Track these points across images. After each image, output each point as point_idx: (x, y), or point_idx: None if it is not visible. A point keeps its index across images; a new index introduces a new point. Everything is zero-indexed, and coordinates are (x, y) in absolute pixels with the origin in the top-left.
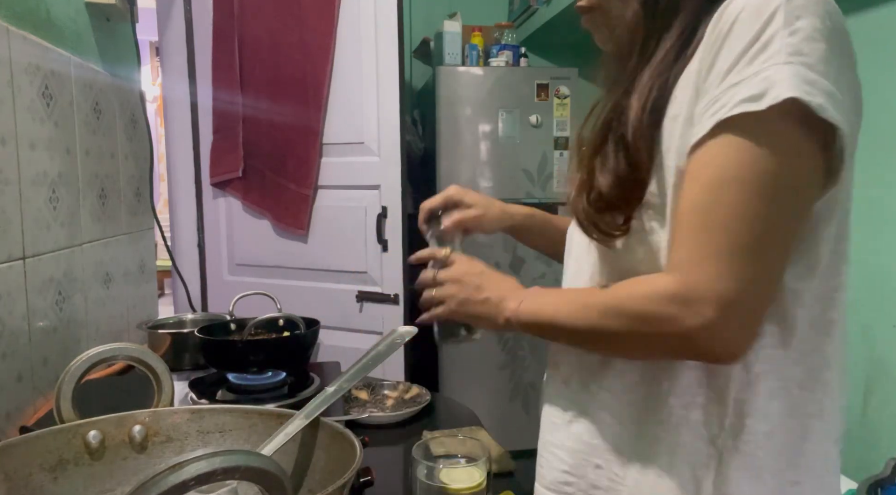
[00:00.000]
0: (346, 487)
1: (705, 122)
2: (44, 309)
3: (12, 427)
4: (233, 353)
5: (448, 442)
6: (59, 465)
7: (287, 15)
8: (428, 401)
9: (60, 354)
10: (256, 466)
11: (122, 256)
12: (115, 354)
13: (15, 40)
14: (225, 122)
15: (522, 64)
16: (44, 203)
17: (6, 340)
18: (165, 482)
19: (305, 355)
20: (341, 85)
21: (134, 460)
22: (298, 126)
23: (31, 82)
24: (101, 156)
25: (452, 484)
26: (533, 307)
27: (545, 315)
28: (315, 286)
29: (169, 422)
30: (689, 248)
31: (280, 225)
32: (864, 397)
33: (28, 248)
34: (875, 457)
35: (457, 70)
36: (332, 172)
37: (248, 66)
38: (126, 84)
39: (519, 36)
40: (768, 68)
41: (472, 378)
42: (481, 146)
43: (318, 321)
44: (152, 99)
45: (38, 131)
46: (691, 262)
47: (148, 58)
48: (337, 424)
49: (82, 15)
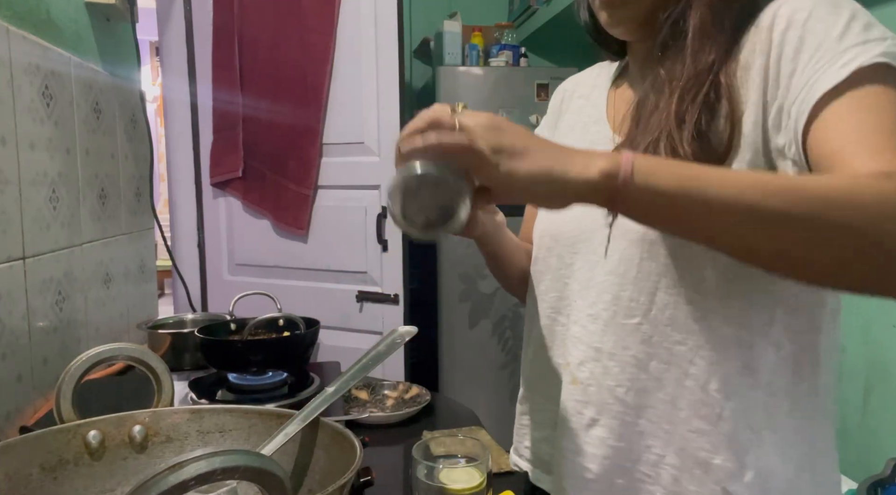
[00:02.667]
0: (346, 487)
1: (834, 74)
2: (44, 309)
3: (12, 427)
4: (233, 353)
5: (448, 442)
6: (59, 465)
7: (287, 15)
8: (428, 401)
9: (60, 354)
10: (256, 466)
11: (122, 256)
12: (115, 354)
13: (15, 40)
14: (225, 121)
15: (522, 64)
16: (44, 203)
17: (6, 340)
18: (165, 482)
19: (305, 355)
20: (341, 85)
21: (134, 460)
22: (298, 126)
23: (31, 82)
24: (101, 156)
25: (452, 484)
26: (656, 163)
27: (683, 175)
28: (315, 286)
29: (169, 422)
30: (882, 147)
31: (280, 225)
32: (863, 397)
33: (28, 248)
34: (875, 457)
35: (457, 70)
36: (332, 172)
37: (248, 66)
38: (126, 84)
39: (519, 36)
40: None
41: (472, 378)
42: None
43: (318, 321)
44: (152, 99)
45: (38, 131)
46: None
47: (148, 58)
48: (337, 424)
49: (82, 15)
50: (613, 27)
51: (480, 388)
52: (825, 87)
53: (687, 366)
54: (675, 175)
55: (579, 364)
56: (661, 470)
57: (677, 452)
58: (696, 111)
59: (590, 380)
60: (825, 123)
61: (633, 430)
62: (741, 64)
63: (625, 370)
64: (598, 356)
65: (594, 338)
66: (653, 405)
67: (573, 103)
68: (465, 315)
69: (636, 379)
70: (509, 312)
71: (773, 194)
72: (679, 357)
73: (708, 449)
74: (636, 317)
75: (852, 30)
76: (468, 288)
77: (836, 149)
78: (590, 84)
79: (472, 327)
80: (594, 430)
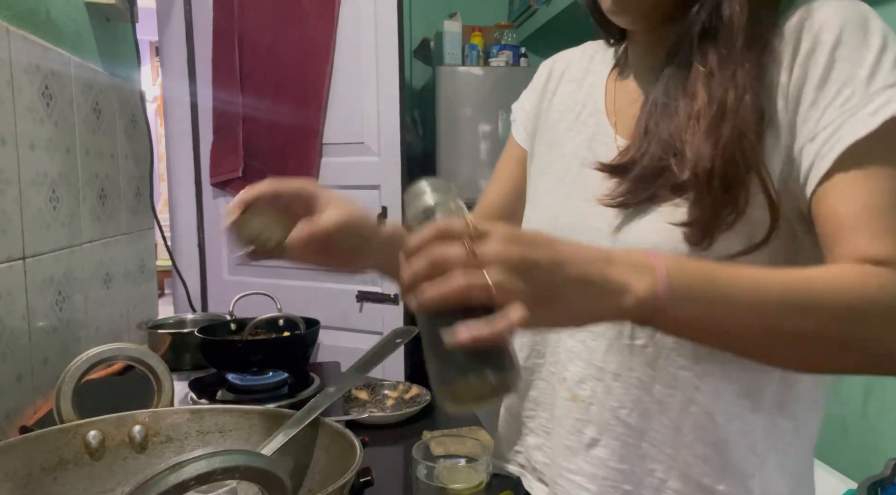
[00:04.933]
0: (346, 487)
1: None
2: (44, 309)
3: (12, 427)
4: (233, 353)
5: (448, 442)
6: (59, 465)
7: (287, 15)
8: (428, 401)
9: (60, 354)
10: (256, 466)
11: (122, 256)
12: (115, 354)
13: (15, 40)
14: (225, 121)
15: (522, 64)
16: (44, 203)
17: (6, 340)
18: (165, 482)
19: (305, 355)
20: (341, 85)
21: (134, 460)
22: (298, 126)
23: (31, 82)
24: (101, 156)
25: (452, 484)
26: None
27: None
28: (315, 286)
29: (169, 422)
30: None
31: None
32: (863, 397)
33: (28, 248)
34: (875, 457)
35: (457, 70)
36: (332, 172)
37: (248, 66)
38: (126, 84)
39: (519, 36)
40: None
41: None
42: (481, 146)
43: (318, 321)
44: (152, 99)
45: (38, 131)
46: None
47: (148, 58)
48: (337, 424)
49: (82, 15)
50: (618, 15)
51: None
52: (851, 137)
53: (692, 391)
54: (706, 298)
55: (579, 381)
56: (663, 494)
57: (680, 477)
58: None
59: (591, 399)
60: (840, 183)
61: (636, 453)
62: (763, 69)
63: (629, 391)
64: (601, 375)
65: (596, 356)
66: (656, 428)
67: (562, 86)
68: None
69: (640, 402)
70: None
71: (799, 313)
72: (684, 382)
73: (712, 476)
74: (641, 339)
75: (883, 67)
76: None
77: (843, 218)
78: (582, 67)
79: None
80: (595, 450)
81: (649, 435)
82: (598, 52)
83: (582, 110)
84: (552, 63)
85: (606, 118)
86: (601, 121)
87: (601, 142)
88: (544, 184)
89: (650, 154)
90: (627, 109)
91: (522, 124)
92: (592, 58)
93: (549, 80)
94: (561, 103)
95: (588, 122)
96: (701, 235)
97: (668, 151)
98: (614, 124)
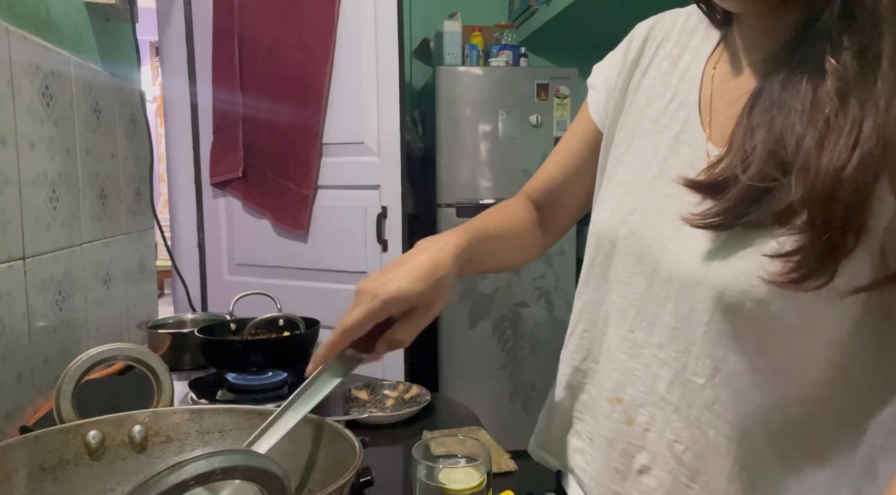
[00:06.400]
0: (346, 487)
1: None
2: (44, 309)
3: (12, 427)
4: (233, 353)
5: (448, 442)
6: (59, 465)
7: (287, 15)
8: (428, 401)
9: (60, 354)
10: (256, 466)
11: (122, 256)
12: (115, 354)
13: (15, 40)
14: (225, 121)
15: (522, 64)
16: (44, 203)
17: (6, 340)
18: (165, 482)
19: (305, 355)
20: (341, 85)
21: (134, 460)
22: (298, 126)
23: (31, 82)
24: (101, 156)
25: (452, 484)
26: None
27: None
28: (315, 286)
29: (169, 422)
30: None
31: (280, 225)
32: None
33: (28, 248)
34: None
35: (457, 70)
36: (332, 172)
37: (248, 66)
38: (126, 84)
39: (519, 36)
40: None
41: (472, 378)
42: (481, 146)
43: (318, 321)
44: (152, 99)
45: (38, 131)
46: None
47: (148, 58)
48: (337, 424)
49: (82, 15)
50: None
51: (480, 388)
52: None
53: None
54: None
55: (638, 405)
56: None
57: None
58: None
59: (649, 426)
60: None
61: (686, 492)
62: None
63: (687, 428)
64: (663, 405)
65: (660, 385)
66: (708, 473)
67: (655, 63)
68: (464, 315)
69: (696, 442)
70: (509, 312)
71: None
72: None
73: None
74: (701, 378)
75: None
76: (468, 288)
77: None
78: (682, 43)
79: (472, 327)
80: (645, 478)
81: (701, 479)
82: (701, 26)
83: (672, 99)
84: (648, 29)
85: (699, 116)
86: (691, 118)
87: (687, 144)
88: (618, 179)
89: (752, 171)
90: (726, 109)
91: (604, 99)
92: (694, 32)
93: (643, 50)
94: (651, 86)
95: (676, 116)
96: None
97: (778, 168)
98: (707, 124)
